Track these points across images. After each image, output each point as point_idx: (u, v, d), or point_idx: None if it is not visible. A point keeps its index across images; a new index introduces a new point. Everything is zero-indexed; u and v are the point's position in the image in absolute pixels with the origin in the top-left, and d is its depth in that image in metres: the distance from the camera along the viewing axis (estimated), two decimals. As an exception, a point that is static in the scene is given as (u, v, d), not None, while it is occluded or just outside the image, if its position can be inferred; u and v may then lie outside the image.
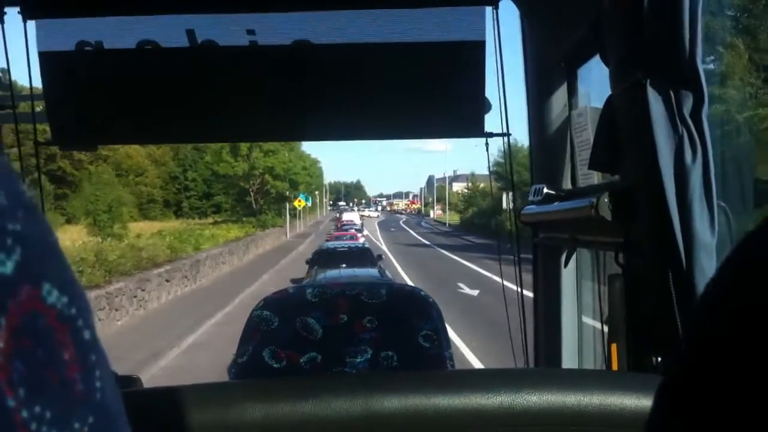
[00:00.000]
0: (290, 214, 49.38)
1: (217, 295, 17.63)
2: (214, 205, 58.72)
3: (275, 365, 1.47)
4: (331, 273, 12.90)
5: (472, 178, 69.52)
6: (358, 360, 1.49)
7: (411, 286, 1.73)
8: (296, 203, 45.16)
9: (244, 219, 43.65)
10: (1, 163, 0.27)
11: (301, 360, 1.48)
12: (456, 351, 7.53)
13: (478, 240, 39.02)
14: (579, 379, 1.11)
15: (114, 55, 1.95)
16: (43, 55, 1.92)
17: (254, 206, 44.78)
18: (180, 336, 12.80)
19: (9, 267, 0.25)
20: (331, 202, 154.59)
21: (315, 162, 51.44)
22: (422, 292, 1.64)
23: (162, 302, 16.44)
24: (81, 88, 2.00)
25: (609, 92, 1.43)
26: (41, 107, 2.05)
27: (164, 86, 2.00)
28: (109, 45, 1.94)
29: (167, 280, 17.20)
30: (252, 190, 44.26)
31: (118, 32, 1.93)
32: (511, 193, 2.39)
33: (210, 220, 51.35)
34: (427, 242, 43.62)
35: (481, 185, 62.43)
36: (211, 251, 23.51)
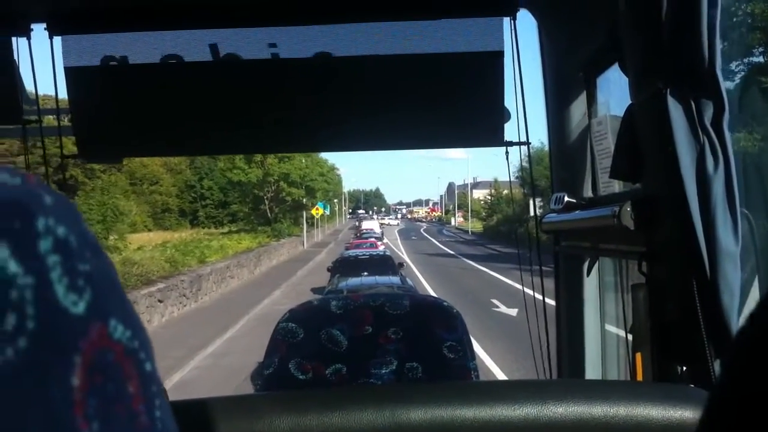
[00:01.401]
0: (307, 222, 47.80)
1: (218, 317, 15.53)
2: (230, 214, 57.30)
3: (301, 377, 1.50)
4: (353, 281, 12.54)
5: (495, 184, 67.21)
6: (383, 371, 1.51)
7: (434, 297, 1.77)
8: (314, 211, 43.63)
9: (259, 228, 41.64)
10: (68, 204, 0.28)
11: (327, 371, 1.50)
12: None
13: (504, 249, 36.65)
14: (605, 389, 1.10)
15: (138, 70, 1.99)
16: (69, 70, 1.96)
17: (269, 215, 42.69)
18: (164, 374, 10.61)
19: (81, 307, 0.26)
20: (350, 210, 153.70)
21: (332, 168, 49.30)
22: (445, 303, 1.66)
23: (152, 327, 14.19)
24: (106, 102, 2.02)
25: (628, 101, 1.43)
26: (66, 121, 2.09)
27: (188, 100, 2.03)
28: (133, 60, 1.98)
29: (160, 301, 15.08)
30: (267, 198, 42.20)
31: (143, 47, 1.97)
32: (538, 200, 2.27)
33: (226, 229, 49.73)
34: (451, 252, 41.34)
35: (505, 191, 60.11)
36: (216, 264, 21.46)
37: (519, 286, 4.10)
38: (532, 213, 2.23)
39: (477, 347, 11.64)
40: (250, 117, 2.02)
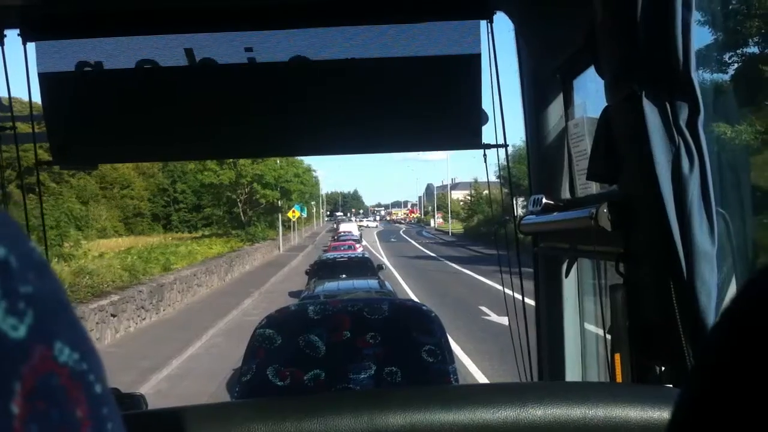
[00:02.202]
0: (284, 225, 46.19)
1: (180, 331, 13.96)
2: (205, 218, 55.57)
3: (279, 383, 1.50)
4: (330, 285, 12.05)
5: (475, 184, 66.24)
6: (362, 376, 1.51)
7: (412, 300, 1.82)
8: (290, 214, 42.08)
9: (234, 232, 39.87)
10: (8, 223, 0.27)
11: (305, 377, 1.51)
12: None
13: (486, 250, 34.99)
14: (583, 391, 1.11)
15: (113, 75, 1.97)
16: (43, 76, 1.95)
17: (242, 218, 40.91)
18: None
19: (22, 331, 0.25)
20: (328, 213, 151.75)
21: (308, 169, 47.49)
22: (424, 307, 1.70)
23: (102, 345, 12.49)
24: (81, 107, 2.01)
25: (605, 102, 1.44)
26: (41, 127, 2.08)
27: (164, 104, 2.02)
28: (108, 65, 1.96)
29: (113, 315, 13.35)
30: (240, 201, 40.36)
31: (118, 52, 1.96)
32: (521, 200, 2.36)
33: (199, 233, 47.96)
34: (432, 254, 39.93)
35: (485, 192, 59.19)
36: (182, 272, 19.75)
37: (507, 291, 2.93)
38: (514, 215, 2.23)
39: (472, 366, 10.22)
40: (226, 122, 2.01)
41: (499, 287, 2.72)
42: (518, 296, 2.12)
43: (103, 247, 28.84)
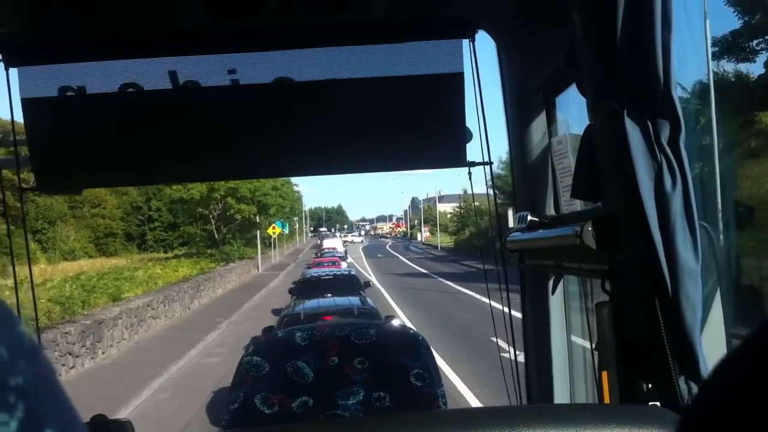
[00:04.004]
0: (264, 243, 43.11)
1: (112, 386, 10.73)
2: (181, 237, 52.19)
3: (267, 411, 1.48)
4: (310, 303, 11.25)
5: (464, 196, 63.51)
6: (350, 402, 1.50)
7: (400, 324, 1.87)
8: (270, 230, 38.95)
9: (209, 251, 36.47)
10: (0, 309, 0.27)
11: (293, 405, 1.50)
12: None
13: (481, 266, 32.28)
14: (572, 413, 1.11)
15: (97, 100, 1.96)
16: (26, 102, 1.92)
17: (216, 235, 37.45)
18: None
19: (13, 426, 0.25)
20: (311, 229, 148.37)
21: (287, 182, 44.05)
22: (411, 331, 1.72)
23: None
24: (65, 133, 1.98)
25: (587, 120, 1.44)
26: (24, 153, 2.05)
27: (147, 128, 2.00)
28: (91, 90, 1.95)
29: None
30: (213, 217, 36.96)
31: (101, 77, 1.94)
32: (510, 215, 2.29)
33: (172, 254, 44.65)
34: (424, 270, 37.02)
35: (476, 203, 56.37)
36: (132, 302, 16.46)
37: (516, 313, 2.19)
38: (511, 223, 2.16)
39: None
40: (211, 144, 1.99)
41: (516, 314, 2.05)
42: (507, 314, 2.07)
43: (61, 272, 25.35)
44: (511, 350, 2.10)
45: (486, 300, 2.38)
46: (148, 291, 19.44)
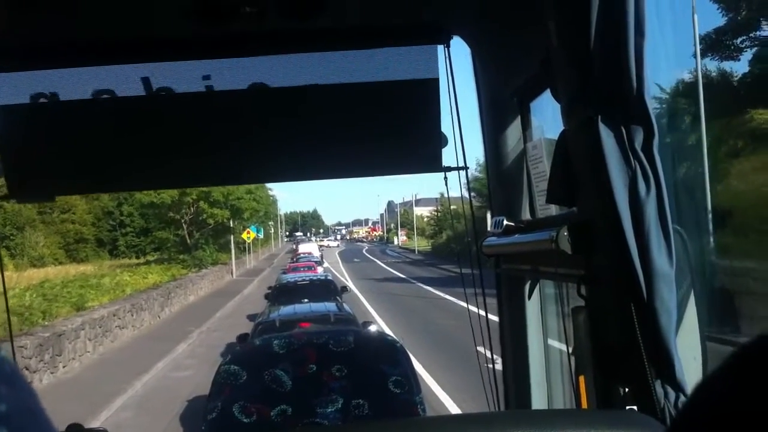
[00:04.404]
0: (239, 248, 42.15)
1: (71, 402, 9.83)
2: (153, 242, 51.07)
3: (245, 420, 1.48)
4: (285, 310, 11.01)
5: (441, 199, 63.18)
6: (329, 410, 1.49)
7: (378, 331, 1.88)
8: (244, 235, 38.00)
9: (181, 257, 35.35)
10: None
11: (272, 413, 1.49)
12: None
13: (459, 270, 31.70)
14: (550, 419, 1.12)
15: (69, 106, 1.93)
16: None
17: (188, 240, 36.33)
18: None
19: None
20: (287, 233, 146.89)
21: (262, 186, 42.98)
22: (389, 337, 1.71)
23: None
24: (37, 140, 1.95)
25: (562, 125, 1.44)
26: None
27: (121, 135, 1.96)
28: (64, 96, 1.92)
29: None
30: (184, 221, 35.84)
31: (74, 83, 1.91)
32: (490, 218, 2.18)
33: (143, 260, 43.55)
34: (402, 275, 36.34)
35: (453, 207, 55.98)
36: (96, 312, 15.56)
37: (493, 317, 2.26)
38: (490, 227, 2.13)
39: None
40: (185, 150, 1.97)
41: (492, 318, 2.08)
42: (484, 320, 2.09)
43: (27, 279, 24.23)
44: (489, 355, 2.10)
45: (460, 303, 2.48)
46: (115, 299, 18.52)
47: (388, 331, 14.83)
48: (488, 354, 2.14)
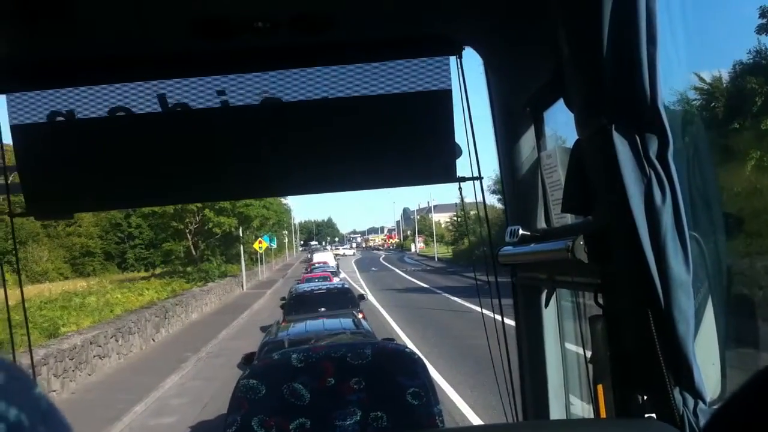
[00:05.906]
0: (251, 258, 39.77)
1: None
2: (164, 254, 49.16)
3: None
4: (295, 329, 10.00)
5: (459, 207, 60.69)
6: (348, 422, 1.50)
7: (395, 343, 1.80)
8: (256, 245, 35.79)
9: (187, 269, 32.98)
10: (19, 376, 0.27)
11: (291, 426, 1.49)
12: None
13: (486, 278, 28.88)
14: (568, 429, 1.13)
15: (86, 124, 1.95)
16: (15, 128, 1.92)
17: (194, 252, 33.91)
18: None
19: None
20: (302, 243, 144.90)
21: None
22: (407, 349, 1.70)
23: None
24: (54, 158, 1.98)
25: (575, 134, 1.44)
26: (13, 178, 2.05)
27: (137, 151, 1.99)
28: (81, 114, 1.95)
29: None
30: (189, 231, 33.45)
31: (90, 101, 1.93)
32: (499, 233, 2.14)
33: (152, 273, 41.54)
34: (424, 284, 33.83)
35: (472, 212, 53.39)
36: (65, 341, 12.89)
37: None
38: (491, 247, 2.17)
39: None
40: (201, 166, 1.99)
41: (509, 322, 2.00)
42: (502, 331, 2.10)
43: (15, 298, 21.84)
44: (506, 366, 2.08)
45: (507, 320, 2.04)
46: (99, 321, 15.98)
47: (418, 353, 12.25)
48: (505, 364, 2.08)
